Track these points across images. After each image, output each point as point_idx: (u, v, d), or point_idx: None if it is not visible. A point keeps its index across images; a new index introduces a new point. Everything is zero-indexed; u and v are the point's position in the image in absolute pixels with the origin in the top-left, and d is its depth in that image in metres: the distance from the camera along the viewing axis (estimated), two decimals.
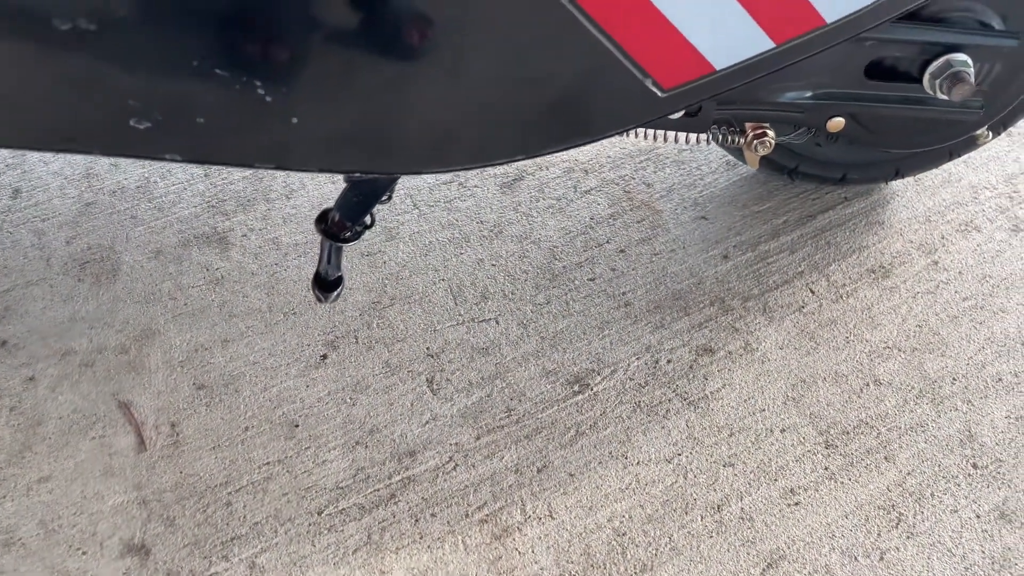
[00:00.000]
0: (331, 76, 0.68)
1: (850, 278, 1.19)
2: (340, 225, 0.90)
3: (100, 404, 1.04)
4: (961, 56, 0.93)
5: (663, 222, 1.26)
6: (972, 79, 0.92)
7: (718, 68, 0.75)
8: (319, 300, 0.95)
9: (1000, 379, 1.09)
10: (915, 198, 1.28)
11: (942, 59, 0.93)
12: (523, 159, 0.79)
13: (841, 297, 1.17)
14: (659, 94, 0.75)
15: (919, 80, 0.96)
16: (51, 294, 1.13)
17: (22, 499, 0.97)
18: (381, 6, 0.65)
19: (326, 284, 0.95)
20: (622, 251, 1.22)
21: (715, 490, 1.00)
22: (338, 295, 0.96)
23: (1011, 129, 1.30)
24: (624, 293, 1.17)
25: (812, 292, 1.18)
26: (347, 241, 0.90)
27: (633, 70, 0.72)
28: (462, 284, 1.17)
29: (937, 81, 0.94)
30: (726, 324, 1.14)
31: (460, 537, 0.96)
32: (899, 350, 1.12)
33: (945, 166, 1.29)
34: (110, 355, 1.08)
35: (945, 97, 0.94)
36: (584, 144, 0.79)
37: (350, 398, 1.06)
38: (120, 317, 1.12)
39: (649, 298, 1.17)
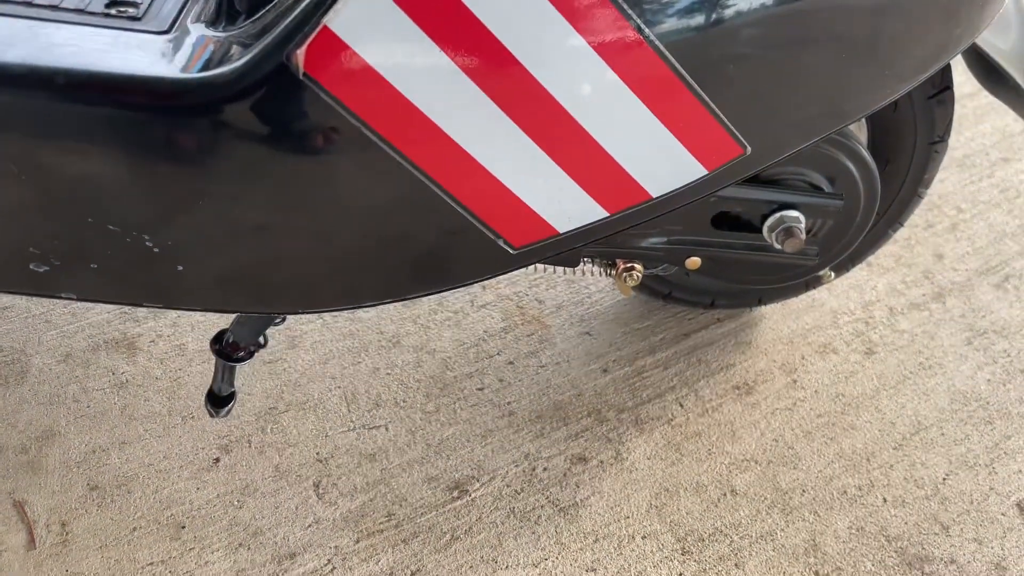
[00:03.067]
0: (211, 232, 0.77)
1: (716, 394, 1.30)
2: (234, 346, 0.97)
3: None
4: (794, 213, 1.04)
5: (551, 336, 1.36)
6: (802, 234, 1.04)
7: (561, 231, 0.86)
8: (211, 415, 1.02)
9: (845, 492, 1.19)
10: (780, 321, 1.41)
11: (777, 215, 1.04)
12: (392, 302, 0.89)
13: (707, 412, 1.27)
14: (511, 251, 0.85)
15: (760, 230, 1.09)
16: None
17: None
18: (256, 176, 0.75)
19: (218, 400, 1.02)
20: (511, 363, 1.31)
21: None
22: (229, 410, 1.03)
23: (869, 259, 1.45)
24: (509, 403, 1.26)
25: (681, 406, 1.28)
26: (240, 361, 0.98)
27: (486, 232, 0.83)
28: (357, 392, 1.25)
29: (773, 233, 1.05)
30: (600, 434, 1.23)
31: None
32: (756, 463, 1.21)
33: (810, 292, 1.42)
34: (10, 455, 1.13)
35: (780, 248, 1.06)
36: (448, 290, 0.89)
37: (238, 501, 1.12)
38: (24, 418, 1.17)
39: (532, 408, 1.26)
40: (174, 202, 0.76)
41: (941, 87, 1.08)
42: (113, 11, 0.76)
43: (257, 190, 0.76)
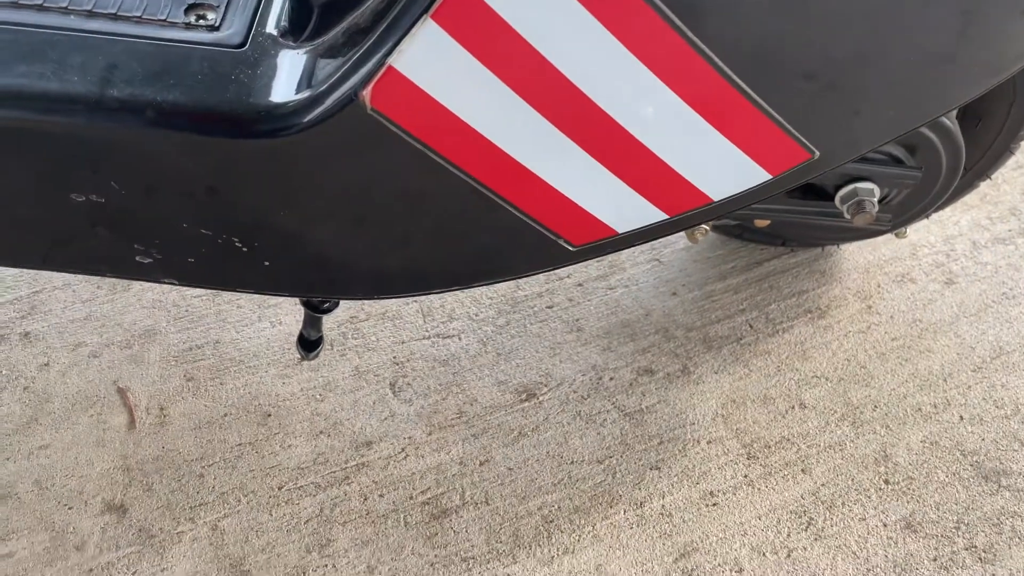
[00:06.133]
0: (293, 236, 0.84)
1: (787, 317, 1.29)
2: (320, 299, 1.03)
3: (101, 388, 1.18)
4: (867, 185, 1.01)
5: (620, 262, 1.38)
6: (874, 208, 1.01)
7: (620, 232, 0.86)
8: (302, 358, 1.09)
9: (920, 409, 1.17)
10: (856, 251, 1.40)
11: (850, 186, 1.01)
12: (458, 290, 0.94)
13: (777, 332, 1.27)
14: (571, 249, 0.87)
15: (832, 198, 1.04)
16: (73, 297, 1.30)
17: (23, 461, 1.10)
18: (333, 193, 0.80)
19: (308, 344, 1.08)
20: (580, 285, 1.35)
21: (640, 489, 1.08)
22: (317, 354, 1.09)
23: None
24: (577, 320, 1.29)
25: (751, 327, 1.28)
26: (326, 312, 1.03)
27: (546, 232, 0.85)
28: (432, 306, 1.31)
29: (844, 205, 1.02)
30: (668, 350, 1.25)
31: (402, 515, 1.06)
32: (827, 380, 1.21)
33: None
34: (116, 349, 1.23)
35: (850, 219, 1.03)
36: (510, 280, 0.93)
37: (319, 395, 1.18)
38: (129, 319, 1.27)
39: (600, 325, 1.28)
40: (258, 212, 0.82)
41: None
42: (192, 19, 0.80)
43: (333, 205, 0.82)
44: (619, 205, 0.84)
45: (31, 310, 1.27)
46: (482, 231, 0.86)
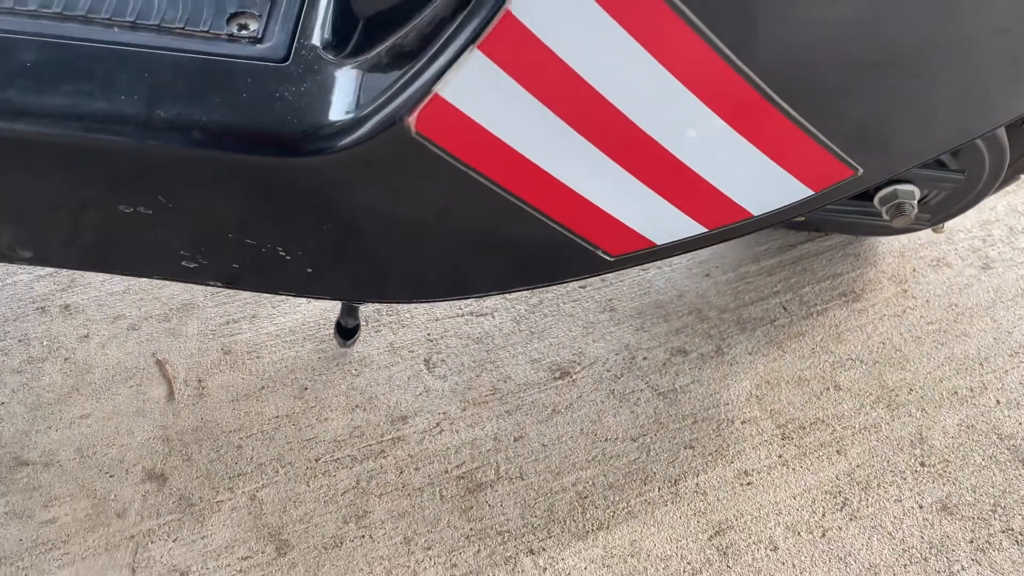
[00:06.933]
0: (336, 247, 0.85)
1: (822, 299, 1.29)
2: None
3: (140, 360, 1.20)
4: (907, 187, 0.99)
5: None
6: (914, 210, 0.99)
7: (658, 243, 0.87)
8: (340, 345, 1.10)
9: (956, 392, 1.17)
10: (891, 236, 1.39)
11: (890, 188, 1.00)
12: (496, 295, 0.94)
13: (811, 315, 1.27)
14: (608, 259, 0.88)
15: (872, 198, 1.03)
16: None
17: (65, 430, 1.12)
18: (376, 208, 0.81)
19: (345, 332, 1.10)
20: None
21: (674, 467, 1.09)
22: (355, 341, 1.11)
23: None
24: (610, 300, 1.29)
25: (784, 309, 1.28)
26: (362, 302, 1.05)
27: (585, 244, 0.86)
28: None
29: (884, 207, 1.01)
30: (701, 331, 1.25)
31: (438, 489, 1.07)
32: (861, 362, 1.20)
33: None
34: (154, 322, 1.24)
35: (888, 220, 1.01)
36: (548, 287, 0.93)
37: (355, 370, 1.19)
38: (167, 292, 1.28)
39: (633, 305, 1.29)
40: (302, 225, 0.83)
41: None
42: (234, 29, 0.79)
43: (374, 219, 0.83)
44: (659, 220, 0.85)
45: (71, 283, 1.28)
46: (522, 243, 0.86)
